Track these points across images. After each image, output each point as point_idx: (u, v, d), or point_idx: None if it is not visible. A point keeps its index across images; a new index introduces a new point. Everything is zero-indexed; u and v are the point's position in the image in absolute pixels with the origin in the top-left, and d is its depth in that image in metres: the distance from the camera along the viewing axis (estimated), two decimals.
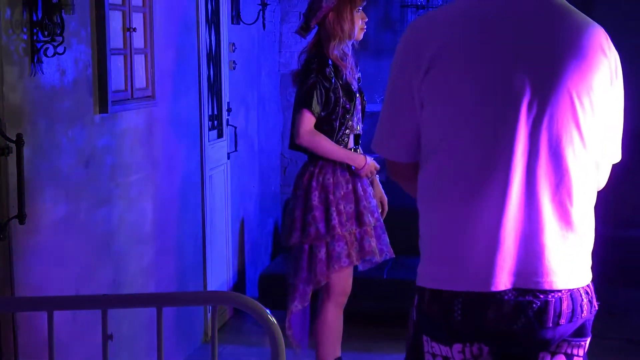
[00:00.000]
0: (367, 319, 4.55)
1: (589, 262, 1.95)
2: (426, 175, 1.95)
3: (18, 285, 2.82)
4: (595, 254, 2.01)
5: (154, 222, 3.95)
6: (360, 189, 3.72)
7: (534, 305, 1.86)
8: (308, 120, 3.62)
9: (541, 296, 1.86)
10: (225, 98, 5.06)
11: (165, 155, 4.06)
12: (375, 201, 3.82)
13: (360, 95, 3.76)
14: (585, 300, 1.91)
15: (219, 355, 2.46)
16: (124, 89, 3.59)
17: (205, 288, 4.64)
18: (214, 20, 4.85)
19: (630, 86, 2.11)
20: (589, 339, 1.96)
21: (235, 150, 5.19)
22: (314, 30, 3.77)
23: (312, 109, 3.61)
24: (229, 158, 5.11)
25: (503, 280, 1.85)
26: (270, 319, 2.12)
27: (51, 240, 3.02)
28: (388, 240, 3.81)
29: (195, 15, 4.48)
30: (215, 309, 2.21)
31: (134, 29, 3.61)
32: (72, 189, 3.16)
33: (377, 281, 4.74)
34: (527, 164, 1.84)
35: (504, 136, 1.84)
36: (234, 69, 5.21)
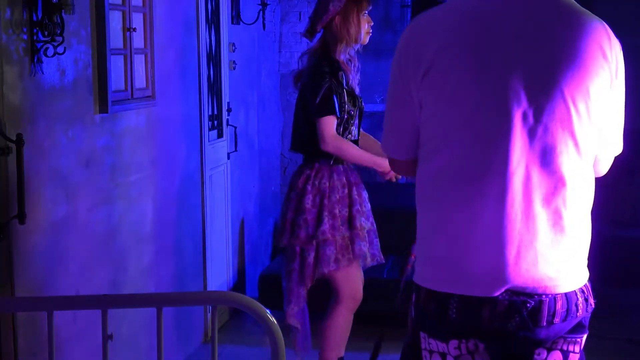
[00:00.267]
0: (367, 319, 4.53)
1: (585, 262, 1.95)
2: (425, 175, 1.95)
3: (18, 285, 2.82)
4: (595, 254, 2.01)
5: (154, 222, 3.95)
6: (355, 192, 3.70)
7: (528, 305, 1.86)
8: (332, 125, 3.59)
9: (535, 296, 1.86)
10: (225, 98, 5.06)
11: (165, 155, 4.06)
12: (370, 206, 3.81)
13: (359, 101, 3.75)
14: (580, 299, 1.91)
15: (219, 355, 2.47)
16: (124, 89, 3.59)
17: (205, 288, 4.64)
18: (214, 20, 4.85)
19: (630, 86, 2.10)
20: (585, 335, 1.96)
21: (235, 150, 5.19)
22: (319, 33, 3.76)
23: (336, 114, 3.58)
24: (229, 158, 5.11)
25: (497, 285, 1.86)
26: (270, 319, 2.12)
27: (51, 240, 3.02)
28: (379, 246, 3.80)
29: (195, 15, 4.48)
30: (215, 309, 2.21)
31: (134, 29, 3.61)
32: (72, 189, 3.16)
33: (377, 281, 4.73)
34: (523, 169, 1.84)
35: (499, 141, 1.84)
36: (234, 69, 5.21)
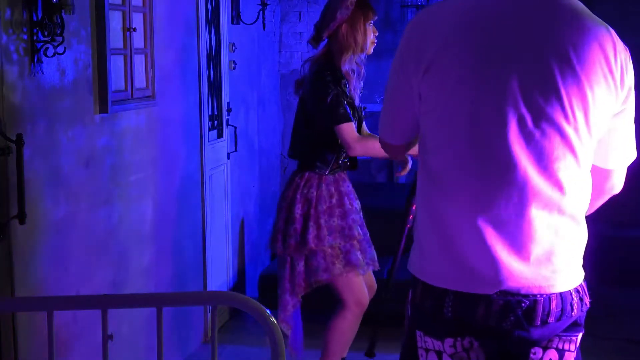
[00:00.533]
0: (368, 319, 4.53)
1: (580, 262, 1.95)
2: (425, 171, 1.94)
3: (18, 285, 2.82)
4: (594, 254, 2.01)
5: (154, 222, 3.95)
6: (347, 202, 3.68)
7: (523, 304, 1.87)
8: (352, 131, 3.57)
9: (530, 296, 1.87)
10: (225, 98, 5.06)
11: (165, 155, 4.07)
12: (362, 214, 3.80)
13: (359, 111, 3.74)
14: (575, 299, 1.91)
15: (219, 355, 2.47)
16: (124, 89, 3.59)
17: (205, 288, 4.64)
18: (214, 20, 4.85)
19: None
20: (581, 334, 1.96)
21: (235, 150, 5.19)
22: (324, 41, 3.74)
23: (350, 119, 3.57)
24: (229, 158, 5.11)
25: (492, 284, 1.86)
26: (270, 319, 2.12)
27: (51, 240, 3.02)
28: (374, 254, 3.78)
29: (195, 15, 4.48)
30: (215, 309, 2.21)
31: (134, 29, 3.61)
32: (72, 189, 3.16)
33: (377, 281, 4.73)
34: (519, 172, 1.83)
35: (497, 143, 1.83)
36: (234, 69, 5.21)
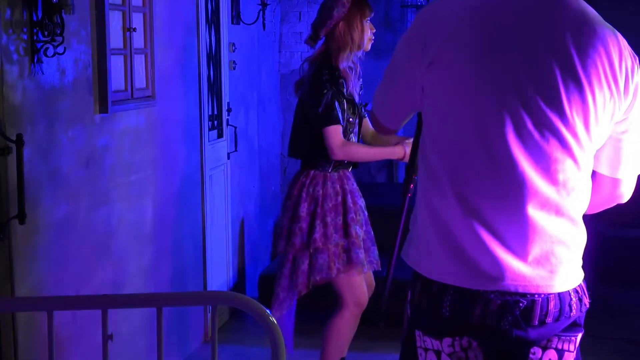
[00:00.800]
0: (368, 319, 4.54)
1: (580, 263, 1.94)
2: (426, 166, 1.94)
3: (18, 285, 2.82)
4: (595, 255, 2.01)
5: (154, 222, 3.95)
6: (350, 200, 3.70)
7: (521, 304, 1.87)
8: (337, 135, 3.59)
9: (528, 296, 1.87)
10: (225, 98, 5.06)
11: (165, 155, 4.07)
12: (367, 214, 3.80)
13: (359, 109, 3.75)
14: (574, 299, 1.91)
15: (219, 355, 2.47)
16: (124, 89, 3.59)
17: (205, 288, 4.64)
18: (214, 20, 4.85)
19: None
20: (580, 334, 1.96)
21: (235, 150, 5.19)
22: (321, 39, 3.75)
23: (340, 123, 3.59)
24: (229, 158, 5.11)
25: (490, 282, 1.86)
26: (270, 319, 2.12)
27: (51, 240, 3.02)
28: (377, 253, 3.80)
29: (195, 15, 4.48)
30: (215, 309, 2.21)
31: (134, 29, 3.61)
32: (72, 189, 3.16)
33: (377, 282, 4.73)
34: (518, 172, 1.83)
35: (496, 143, 1.83)
36: (234, 69, 5.21)
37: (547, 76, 1.81)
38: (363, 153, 3.68)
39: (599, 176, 1.98)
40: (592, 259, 2.05)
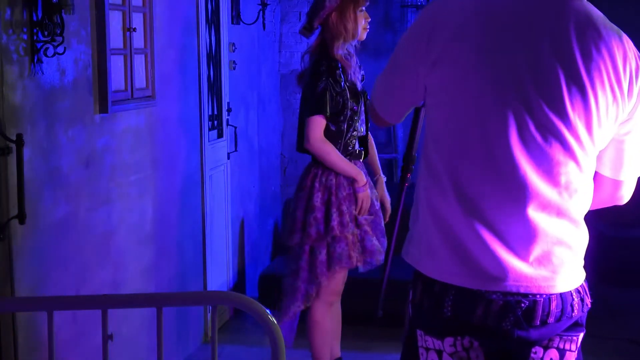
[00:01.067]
0: (367, 319, 4.53)
1: (581, 263, 1.94)
2: (428, 165, 1.93)
3: (18, 285, 2.82)
4: (595, 254, 2.00)
5: (154, 222, 3.95)
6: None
7: (522, 305, 1.86)
8: (320, 126, 3.60)
9: (530, 296, 1.86)
10: (225, 98, 5.06)
11: (165, 155, 4.06)
12: (379, 204, 3.82)
13: (363, 96, 3.75)
14: (576, 299, 1.91)
15: (219, 355, 2.47)
16: (124, 89, 3.59)
17: (205, 288, 4.64)
18: (214, 20, 4.85)
19: None
20: (582, 334, 1.96)
21: (235, 150, 5.19)
22: (317, 30, 3.76)
23: (325, 115, 3.60)
24: (229, 158, 5.11)
25: (491, 283, 1.85)
26: (270, 319, 2.12)
27: (51, 240, 3.02)
28: (387, 245, 3.79)
29: (195, 15, 4.48)
30: (215, 309, 2.21)
31: (134, 29, 3.61)
32: (72, 189, 3.16)
33: (377, 281, 4.72)
34: (520, 174, 1.83)
35: (498, 144, 1.83)
36: (234, 69, 5.21)
37: (551, 79, 1.81)
38: (335, 158, 3.65)
39: (600, 177, 1.97)
40: (593, 259, 2.05)
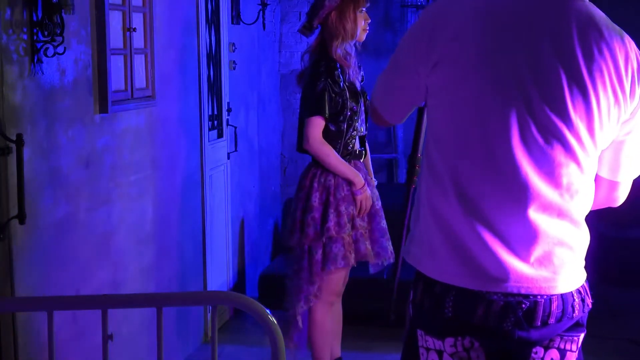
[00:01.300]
0: (367, 319, 4.54)
1: (582, 264, 1.94)
2: (429, 166, 1.93)
3: (18, 285, 2.82)
4: (595, 254, 2.00)
5: (154, 222, 3.95)
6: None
7: (523, 305, 1.86)
8: (319, 127, 3.60)
9: (530, 297, 1.86)
10: (225, 98, 5.06)
11: (165, 155, 4.06)
12: (379, 203, 3.81)
13: (363, 96, 3.75)
14: (577, 300, 1.90)
15: (219, 355, 2.46)
16: (124, 89, 3.59)
17: (205, 288, 4.64)
18: (214, 21, 4.85)
19: None
20: (583, 334, 1.96)
21: (235, 150, 5.19)
22: (317, 30, 3.76)
23: (324, 115, 3.60)
24: (229, 158, 5.11)
25: (492, 284, 1.85)
26: (270, 319, 2.12)
27: (51, 240, 3.02)
28: (387, 245, 3.79)
29: (195, 15, 4.48)
30: (215, 309, 2.21)
31: (134, 29, 3.61)
32: (72, 189, 3.16)
33: (377, 281, 4.73)
34: (521, 175, 1.82)
35: (499, 145, 1.82)
36: (234, 69, 5.21)
37: (552, 79, 1.80)
38: (333, 159, 3.65)
39: (597, 177, 1.97)
40: (593, 260, 2.04)
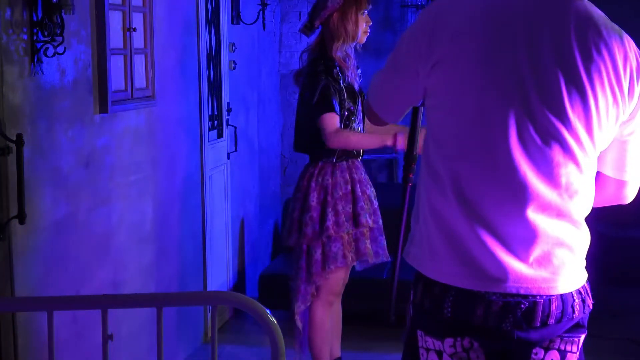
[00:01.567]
0: (367, 319, 4.54)
1: (583, 264, 1.94)
2: (428, 166, 1.93)
3: (18, 285, 2.82)
4: (595, 254, 2.00)
5: (154, 222, 3.95)
6: (359, 190, 3.72)
7: (522, 305, 1.86)
8: (332, 123, 3.60)
9: (530, 297, 1.86)
10: (225, 98, 5.06)
11: (165, 155, 4.06)
12: (377, 203, 3.81)
13: (361, 96, 3.76)
14: (577, 300, 1.90)
15: (219, 355, 2.47)
16: (124, 89, 3.59)
17: (205, 288, 4.64)
18: (214, 21, 4.85)
19: None
20: (583, 335, 1.95)
21: (235, 150, 5.19)
22: (318, 29, 3.76)
23: (334, 111, 3.60)
24: (229, 158, 5.11)
25: (491, 284, 1.85)
26: (270, 319, 2.12)
27: (51, 240, 3.02)
28: (385, 244, 3.80)
29: (195, 15, 4.48)
30: (215, 309, 2.21)
31: (134, 29, 3.61)
32: (72, 189, 3.16)
33: (377, 281, 4.73)
34: (520, 175, 1.82)
35: (498, 146, 1.82)
36: (234, 69, 5.21)
37: (551, 80, 1.80)
38: (356, 139, 3.68)
39: (604, 177, 1.97)
40: (593, 259, 2.04)
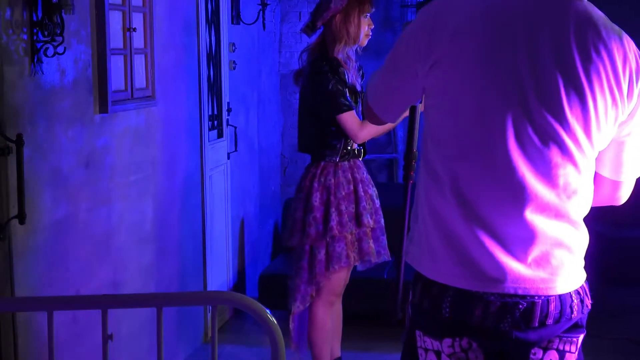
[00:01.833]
0: (367, 319, 4.55)
1: (582, 264, 1.94)
2: (427, 166, 1.92)
3: (18, 285, 2.82)
4: (595, 254, 1.99)
5: (154, 222, 3.95)
6: (361, 189, 3.72)
7: (520, 306, 1.86)
8: (352, 121, 3.62)
9: (528, 297, 1.86)
10: (225, 98, 5.06)
11: (165, 155, 4.07)
12: (379, 202, 3.82)
13: (362, 96, 3.76)
14: (576, 301, 1.90)
15: (219, 355, 2.47)
16: (124, 89, 3.59)
17: (205, 288, 4.64)
18: (214, 21, 4.85)
19: None
20: (582, 335, 1.95)
21: (235, 150, 5.19)
22: (319, 30, 3.76)
23: (350, 109, 3.61)
24: (229, 158, 5.12)
25: (490, 284, 1.85)
26: (270, 319, 2.12)
27: (51, 240, 3.02)
28: (386, 243, 3.80)
29: (195, 15, 4.49)
30: (215, 309, 2.22)
31: (134, 29, 3.61)
32: (72, 189, 3.16)
33: (377, 281, 4.74)
34: (518, 177, 1.82)
35: (497, 146, 1.82)
36: (234, 69, 5.21)
37: (549, 81, 1.80)
38: (377, 129, 3.68)
39: (599, 177, 1.97)
40: (592, 260, 2.04)
